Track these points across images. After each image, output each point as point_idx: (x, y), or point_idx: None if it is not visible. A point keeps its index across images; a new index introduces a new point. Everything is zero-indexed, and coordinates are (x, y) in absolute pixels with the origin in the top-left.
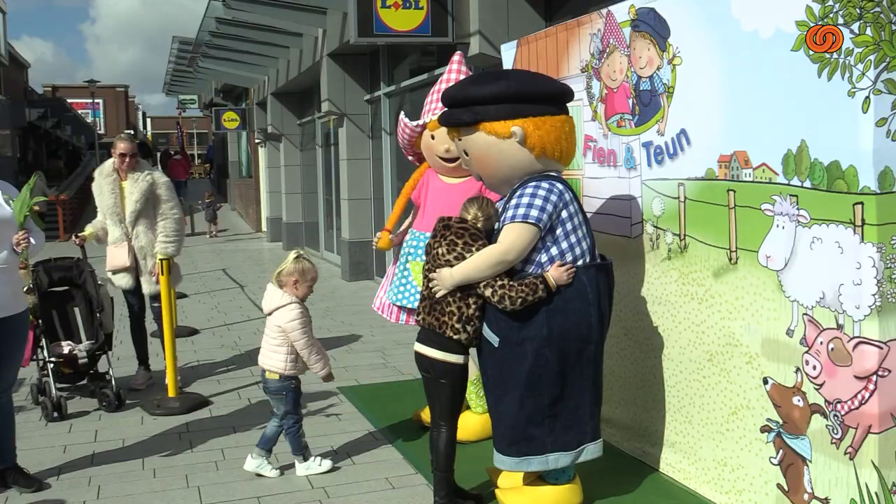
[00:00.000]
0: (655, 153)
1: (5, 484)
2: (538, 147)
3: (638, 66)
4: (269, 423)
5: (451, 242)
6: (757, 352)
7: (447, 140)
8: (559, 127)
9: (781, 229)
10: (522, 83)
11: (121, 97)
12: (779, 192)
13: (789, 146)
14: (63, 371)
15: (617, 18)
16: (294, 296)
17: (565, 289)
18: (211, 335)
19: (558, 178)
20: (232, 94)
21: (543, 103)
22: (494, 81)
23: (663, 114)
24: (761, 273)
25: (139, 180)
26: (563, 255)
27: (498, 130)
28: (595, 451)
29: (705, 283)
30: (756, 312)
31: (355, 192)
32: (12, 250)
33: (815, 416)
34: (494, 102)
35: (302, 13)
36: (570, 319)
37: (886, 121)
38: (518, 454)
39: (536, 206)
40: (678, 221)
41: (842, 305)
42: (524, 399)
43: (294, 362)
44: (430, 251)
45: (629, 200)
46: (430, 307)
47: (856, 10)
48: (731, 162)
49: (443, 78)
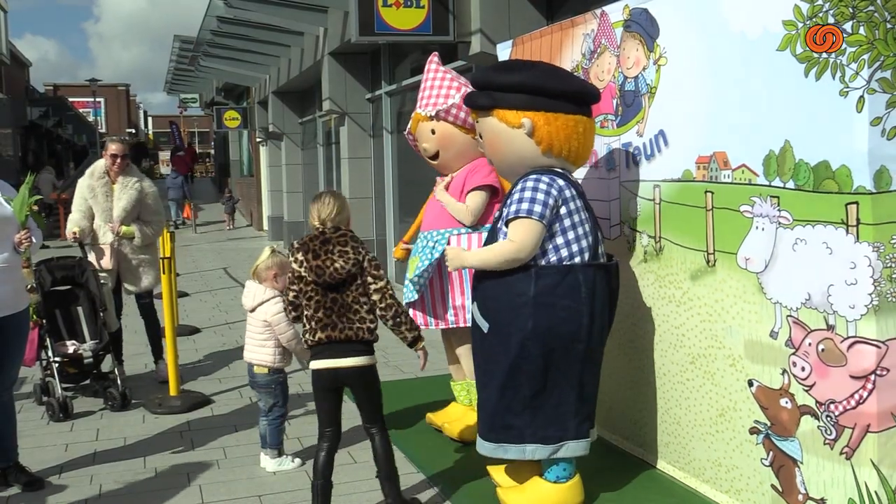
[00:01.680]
0: (634, 154)
1: (7, 482)
2: (546, 142)
3: (625, 66)
4: (260, 422)
5: (342, 252)
6: (740, 354)
7: (423, 139)
8: (572, 126)
9: (761, 231)
10: (542, 76)
11: (122, 96)
12: (758, 194)
13: (771, 147)
14: (68, 371)
15: (611, 19)
16: (275, 289)
17: (557, 285)
18: (212, 334)
19: (562, 174)
20: (233, 92)
21: (561, 99)
22: (516, 70)
23: (644, 115)
24: (741, 275)
25: (129, 187)
26: (557, 251)
27: (509, 119)
28: (577, 449)
29: (682, 285)
30: (737, 315)
31: (356, 191)
32: (14, 249)
33: (804, 417)
34: (512, 91)
35: (303, 12)
36: (557, 315)
37: (881, 120)
38: (496, 441)
39: (539, 200)
40: (653, 223)
41: (832, 306)
42: (505, 388)
43: (282, 355)
44: (322, 272)
45: (608, 202)
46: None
47: (848, 10)
48: (710, 163)
49: (424, 78)
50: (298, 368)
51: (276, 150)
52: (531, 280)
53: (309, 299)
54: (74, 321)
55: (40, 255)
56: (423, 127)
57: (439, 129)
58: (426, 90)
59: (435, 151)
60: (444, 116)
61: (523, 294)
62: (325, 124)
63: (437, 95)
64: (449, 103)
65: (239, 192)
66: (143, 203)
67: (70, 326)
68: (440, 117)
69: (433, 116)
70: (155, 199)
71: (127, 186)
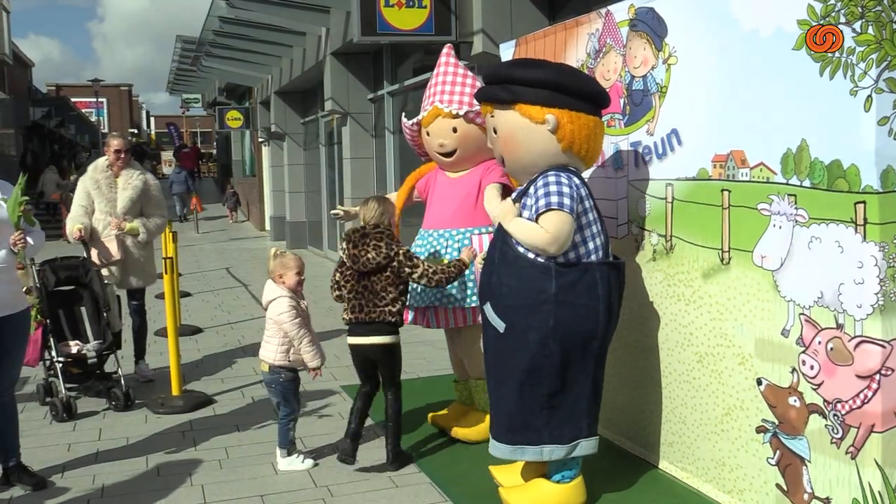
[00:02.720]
0: (644, 153)
1: (9, 482)
2: (567, 140)
3: (632, 65)
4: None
5: (376, 246)
6: (750, 352)
7: (441, 135)
8: (591, 126)
9: (778, 229)
10: (565, 75)
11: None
12: (776, 192)
13: (789, 145)
14: (71, 371)
15: (616, 18)
16: (284, 288)
17: (576, 283)
18: (214, 334)
19: (576, 172)
20: (235, 92)
21: (582, 99)
22: (539, 67)
23: (654, 114)
24: (755, 273)
25: (133, 178)
26: (575, 249)
27: (532, 114)
28: (589, 448)
29: (693, 283)
30: (749, 313)
31: (358, 191)
32: (10, 250)
33: (813, 415)
34: (535, 87)
35: (305, 12)
36: (578, 313)
37: (888, 119)
38: (513, 442)
39: (566, 194)
40: (664, 222)
41: (842, 305)
42: (523, 388)
43: (285, 354)
44: (357, 260)
45: (615, 201)
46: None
47: (857, 9)
48: (727, 161)
49: (436, 72)
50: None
51: (279, 151)
52: (551, 278)
53: (346, 282)
54: (78, 321)
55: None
56: (443, 123)
57: (463, 129)
58: (446, 84)
59: (453, 149)
60: (474, 118)
61: (544, 292)
62: (327, 124)
63: (461, 93)
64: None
65: (241, 192)
66: (148, 195)
67: (73, 327)
68: (469, 118)
69: (458, 115)
70: (158, 191)
71: (131, 178)
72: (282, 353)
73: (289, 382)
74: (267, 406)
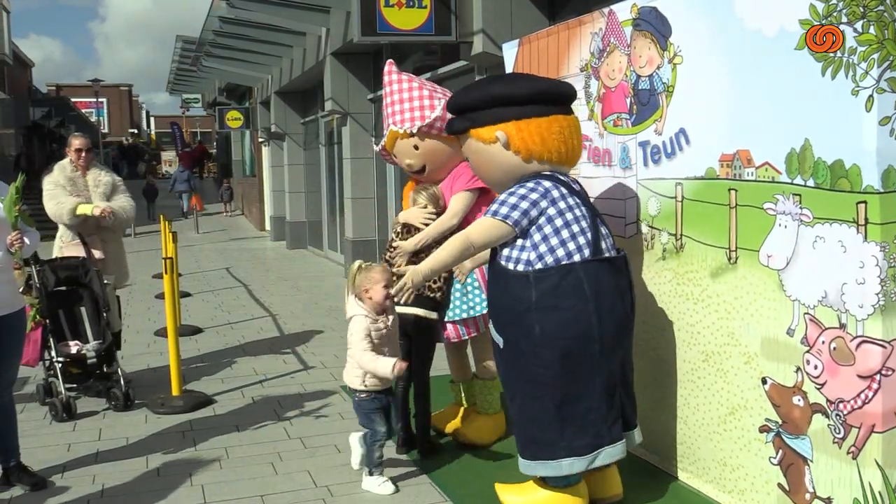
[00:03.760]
0: (652, 153)
1: (9, 482)
2: (523, 150)
3: (638, 65)
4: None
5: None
6: (756, 352)
7: (406, 155)
8: (545, 127)
9: (784, 228)
10: (505, 86)
11: (124, 96)
12: (781, 192)
13: (792, 145)
14: (71, 371)
15: (619, 17)
16: (366, 306)
17: (557, 286)
18: (214, 334)
19: (549, 176)
20: (235, 92)
21: (530, 104)
22: (482, 86)
23: (662, 113)
24: (762, 272)
25: (102, 175)
26: (553, 252)
27: (483, 136)
28: (614, 454)
29: (702, 282)
30: (756, 312)
31: (358, 191)
32: (7, 250)
33: (816, 415)
34: (483, 107)
35: (305, 12)
36: (565, 316)
37: (890, 119)
38: (530, 458)
39: (509, 203)
40: (675, 221)
41: (844, 304)
42: (526, 401)
43: (360, 378)
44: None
45: (623, 200)
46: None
47: (859, 9)
48: (734, 161)
49: (384, 93)
50: (300, 368)
51: (279, 151)
52: (530, 285)
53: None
54: (78, 321)
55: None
56: (404, 144)
57: (424, 144)
58: (395, 104)
59: (421, 166)
60: (427, 131)
61: (524, 301)
62: (327, 124)
63: (411, 109)
64: (433, 116)
65: (241, 193)
66: (117, 190)
67: (73, 327)
68: (424, 132)
69: (412, 133)
70: (124, 187)
71: (100, 175)
72: (355, 377)
73: (367, 407)
74: (267, 406)
